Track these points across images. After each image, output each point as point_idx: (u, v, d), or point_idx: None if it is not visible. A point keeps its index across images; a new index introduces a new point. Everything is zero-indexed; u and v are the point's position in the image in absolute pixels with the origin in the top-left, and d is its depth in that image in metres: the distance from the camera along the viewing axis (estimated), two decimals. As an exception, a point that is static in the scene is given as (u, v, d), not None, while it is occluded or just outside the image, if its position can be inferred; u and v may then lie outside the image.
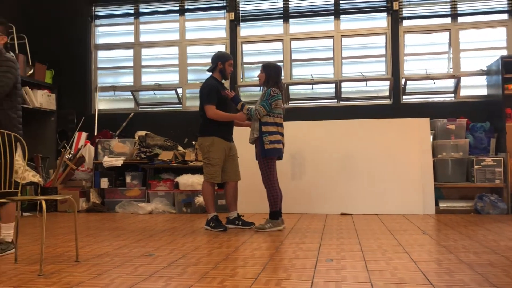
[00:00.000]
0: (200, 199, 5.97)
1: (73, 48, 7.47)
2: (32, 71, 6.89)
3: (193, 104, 7.17)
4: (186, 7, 7.30)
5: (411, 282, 2.60)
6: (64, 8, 7.54)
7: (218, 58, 4.82)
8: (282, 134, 4.62)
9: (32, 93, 6.73)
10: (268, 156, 4.50)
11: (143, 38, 7.48)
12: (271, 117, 4.54)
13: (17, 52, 6.72)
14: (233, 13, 7.06)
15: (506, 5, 6.46)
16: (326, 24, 6.94)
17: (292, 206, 5.81)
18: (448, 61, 6.66)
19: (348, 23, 6.89)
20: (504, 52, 6.40)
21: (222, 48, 7.09)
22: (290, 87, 6.89)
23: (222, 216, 4.87)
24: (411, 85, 6.69)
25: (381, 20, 6.82)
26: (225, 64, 4.79)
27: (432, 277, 2.71)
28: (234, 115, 4.73)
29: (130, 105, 7.48)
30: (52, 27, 7.52)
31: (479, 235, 4.15)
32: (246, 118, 4.74)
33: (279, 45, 7.05)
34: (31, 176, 5.90)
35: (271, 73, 4.63)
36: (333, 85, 6.83)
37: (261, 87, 4.81)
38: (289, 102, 6.86)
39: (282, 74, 4.98)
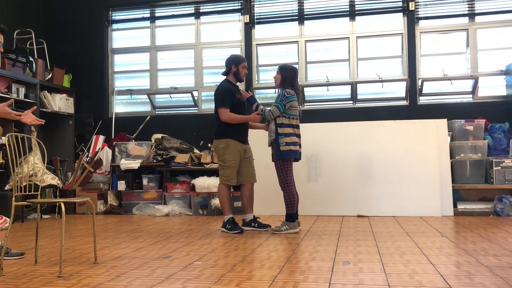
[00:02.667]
0: (216, 201, 5.99)
1: (90, 53, 7.57)
2: (50, 75, 7.01)
3: (209, 107, 7.20)
4: (201, 11, 7.35)
5: (430, 285, 2.57)
6: (82, 13, 7.65)
7: (231, 61, 4.84)
8: (298, 136, 4.62)
9: (51, 97, 6.84)
10: (284, 158, 4.49)
11: (159, 41, 7.54)
12: (286, 118, 4.54)
13: (36, 56, 6.84)
14: (248, 16, 7.08)
15: (525, 4, 6.36)
16: (341, 26, 6.92)
17: (308, 208, 5.79)
18: (465, 61, 6.58)
19: (363, 24, 6.86)
20: (523, 52, 6.31)
21: (237, 51, 7.11)
22: (306, 89, 6.88)
23: (238, 218, 4.88)
24: (428, 86, 6.62)
25: (397, 21, 6.77)
26: (239, 66, 4.81)
27: (452, 280, 2.67)
28: (247, 117, 4.75)
29: (147, 108, 7.55)
30: (70, 32, 7.64)
31: (499, 237, 4.08)
32: (259, 120, 4.75)
33: (294, 47, 7.04)
34: (50, 178, 6.00)
35: (287, 75, 4.64)
36: (349, 86, 6.79)
37: (277, 89, 4.82)
38: (305, 104, 6.85)
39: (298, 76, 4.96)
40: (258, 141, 5.31)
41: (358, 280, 2.71)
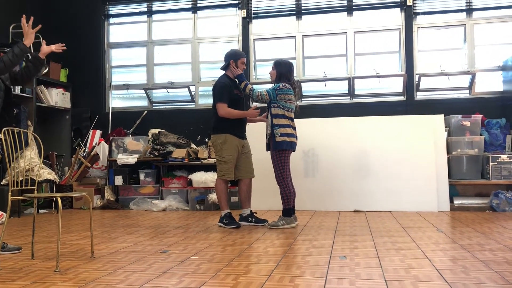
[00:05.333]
0: (213, 196, 6.00)
1: (87, 47, 7.53)
2: (47, 70, 6.97)
3: (206, 101, 7.19)
4: (198, 5, 7.32)
5: (426, 279, 2.59)
6: (78, 7, 7.61)
7: (230, 56, 4.83)
8: (294, 128, 4.62)
9: (47, 92, 6.81)
10: (280, 149, 4.49)
11: (156, 36, 7.51)
12: (280, 109, 4.53)
13: (32, 51, 6.80)
14: (245, 10, 7.06)
15: (523, 0, 6.36)
16: (339, 21, 6.90)
17: (305, 203, 5.80)
18: (463, 57, 6.58)
19: (361, 19, 6.85)
20: (521, 47, 6.31)
21: (234, 46, 7.09)
22: (303, 84, 6.87)
23: (235, 213, 4.88)
24: (425, 82, 6.62)
25: (395, 16, 6.76)
26: (237, 62, 4.79)
27: (447, 274, 2.68)
28: (245, 112, 4.75)
29: (144, 103, 7.53)
30: (66, 26, 7.59)
31: (494, 232, 4.10)
32: (257, 115, 4.76)
33: (291, 42, 7.03)
34: (47, 173, 5.98)
35: (282, 70, 4.64)
36: (346, 82, 6.79)
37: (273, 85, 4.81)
38: (302, 99, 6.85)
39: (295, 71, 4.96)
40: (256, 136, 5.31)
41: (355, 274, 2.72)
